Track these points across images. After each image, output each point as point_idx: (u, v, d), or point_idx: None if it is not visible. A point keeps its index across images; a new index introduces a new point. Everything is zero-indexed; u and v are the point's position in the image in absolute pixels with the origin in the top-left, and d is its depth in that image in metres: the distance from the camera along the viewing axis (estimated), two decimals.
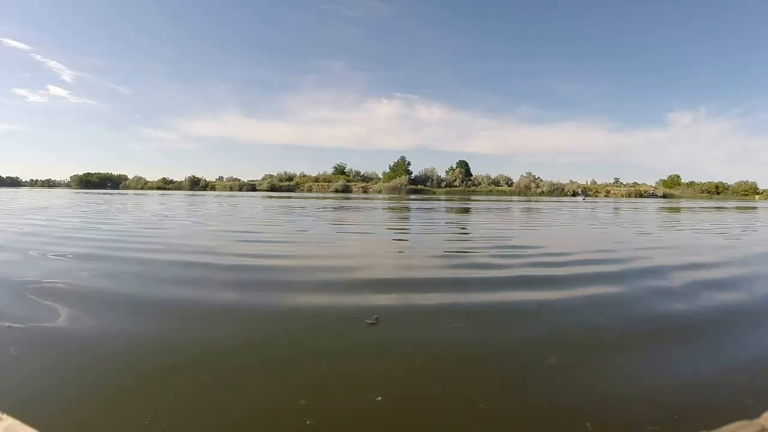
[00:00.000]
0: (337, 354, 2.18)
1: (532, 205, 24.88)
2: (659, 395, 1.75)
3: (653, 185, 73.28)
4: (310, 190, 71.81)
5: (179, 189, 75.28)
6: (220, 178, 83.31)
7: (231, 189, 73.53)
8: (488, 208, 19.10)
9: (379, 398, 1.71)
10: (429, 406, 1.69)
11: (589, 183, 73.90)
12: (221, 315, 2.73)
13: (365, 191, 69.02)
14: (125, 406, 1.64)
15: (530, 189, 69.84)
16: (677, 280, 3.95)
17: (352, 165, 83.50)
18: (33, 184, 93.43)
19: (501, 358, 2.16)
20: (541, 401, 1.72)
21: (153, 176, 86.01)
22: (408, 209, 17.76)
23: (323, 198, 35.65)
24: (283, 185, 75.84)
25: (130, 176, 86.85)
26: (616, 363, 2.10)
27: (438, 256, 5.24)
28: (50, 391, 1.74)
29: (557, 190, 68.43)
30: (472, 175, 77.33)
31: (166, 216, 11.72)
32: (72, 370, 1.92)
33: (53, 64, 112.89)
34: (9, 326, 2.41)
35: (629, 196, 64.76)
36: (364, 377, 1.92)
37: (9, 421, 0.78)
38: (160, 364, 2.00)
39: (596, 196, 63.87)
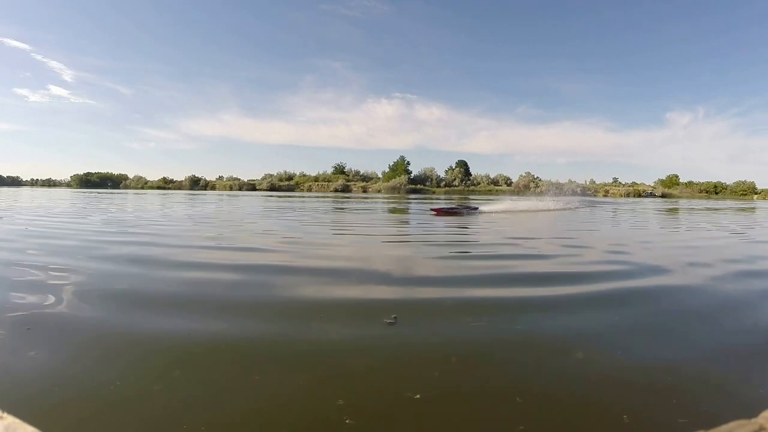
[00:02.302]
0: (365, 354, 2.17)
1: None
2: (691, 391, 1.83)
3: (652, 185, 73.46)
4: (309, 189, 72.10)
5: (180, 188, 75.64)
6: (220, 177, 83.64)
7: (231, 188, 73.91)
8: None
9: (418, 396, 1.70)
10: (468, 402, 1.69)
11: (588, 182, 74.17)
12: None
13: (365, 191, 69.29)
14: (147, 408, 1.62)
15: (529, 188, 70.04)
16: None
17: (351, 165, 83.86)
18: (34, 183, 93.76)
19: (529, 354, 2.19)
20: (575, 395, 1.76)
21: (153, 176, 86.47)
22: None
23: (323, 198, 35.70)
24: (283, 185, 76.14)
25: (131, 176, 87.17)
26: (625, 351, 2.21)
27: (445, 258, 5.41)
28: (51, 390, 1.75)
29: (556, 190, 68.67)
30: (471, 175, 77.58)
31: (142, 217, 10.97)
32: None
33: (54, 64, 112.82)
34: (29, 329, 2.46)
35: (628, 195, 64.92)
36: (398, 376, 1.92)
37: (9, 419, 0.77)
38: (181, 370, 1.95)
39: (595, 195, 64.08)
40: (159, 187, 77.99)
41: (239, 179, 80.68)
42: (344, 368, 2.00)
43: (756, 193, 69.56)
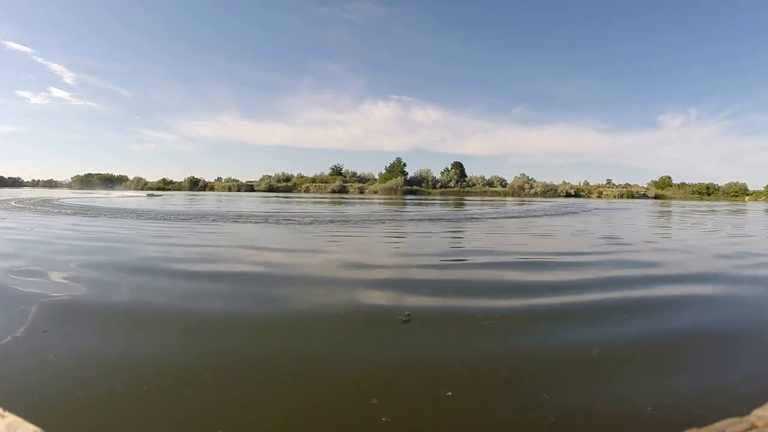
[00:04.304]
0: (387, 353, 2.18)
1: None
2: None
3: (645, 186, 74.46)
4: (307, 190, 73.02)
5: (179, 189, 76.54)
6: (219, 178, 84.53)
7: (230, 189, 74.77)
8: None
9: (449, 393, 1.73)
10: (499, 397, 1.73)
11: (581, 184, 75.11)
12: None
13: (361, 192, 70.24)
14: (158, 409, 1.59)
15: (524, 190, 71.02)
16: None
17: (348, 166, 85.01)
18: (35, 184, 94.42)
19: (548, 352, 2.22)
20: (600, 389, 1.81)
21: (153, 177, 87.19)
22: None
23: (321, 199, 36.27)
24: (281, 186, 77.06)
25: (131, 177, 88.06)
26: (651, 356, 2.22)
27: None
28: (53, 389, 1.73)
29: (550, 191, 69.65)
30: (466, 176, 78.57)
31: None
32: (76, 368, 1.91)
33: (55, 66, 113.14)
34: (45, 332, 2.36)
35: (621, 197, 65.87)
36: (425, 373, 1.94)
37: (11, 418, 0.77)
38: (200, 371, 1.92)
39: (588, 196, 65.02)
40: (159, 188, 78.81)
41: (237, 180, 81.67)
42: (371, 368, 2.00)
43: (748, 195, 70.47)
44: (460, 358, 2.09)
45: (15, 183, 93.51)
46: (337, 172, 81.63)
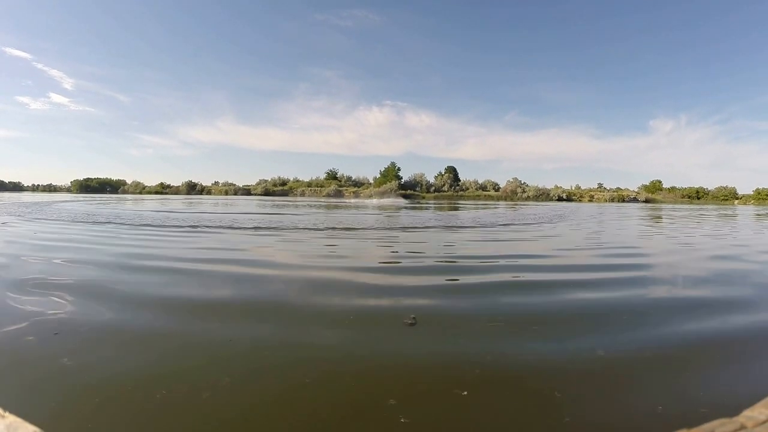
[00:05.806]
0: (398, 355, 2.19)
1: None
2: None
3: (635, 190, 75.72)
4: (303, 194, 74.15)
5: (177, 193, 77.54)
6: (216, 183, 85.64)
7: (227, 193, 75.86)
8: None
9: (465, 392, 1.74)
10: (512, 396, 1.74)
11: (573, 188, 76.37)
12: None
13: (356, 195, 71.36)
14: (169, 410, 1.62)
15: (516, 194, 72.28)
16: None
17: (343, 170, 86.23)
18: (35, 188, 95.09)
19: (554, 352, 2.25)
20: (609, 389, 1.85)
21: (151, 181, 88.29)
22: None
23: (317, 202, 36.45)
24: (277, 190, 78.16)
25: (129, 181, 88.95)
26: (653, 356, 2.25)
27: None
28: (52, 389, 1.74)
29: (543, 195, 70.94)
30: (460, 180, 79.82)
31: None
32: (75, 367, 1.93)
33: (54, 72, 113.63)
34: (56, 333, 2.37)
35: (612, 201, 67.07)
36: (438, 374, 1.96)
37: (11, 418, 0.77)
38: (217, 371, 1.96)
39: (580, 200, 66.25)
40: (156, 192, 79.74)
41: (234, 184, 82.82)
42: (385, 370, 2.02)
43: (737, 198, 71.71)
44: (470, 359, 2.13)
45: (15, 187, 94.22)
46: (332, 176, 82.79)
